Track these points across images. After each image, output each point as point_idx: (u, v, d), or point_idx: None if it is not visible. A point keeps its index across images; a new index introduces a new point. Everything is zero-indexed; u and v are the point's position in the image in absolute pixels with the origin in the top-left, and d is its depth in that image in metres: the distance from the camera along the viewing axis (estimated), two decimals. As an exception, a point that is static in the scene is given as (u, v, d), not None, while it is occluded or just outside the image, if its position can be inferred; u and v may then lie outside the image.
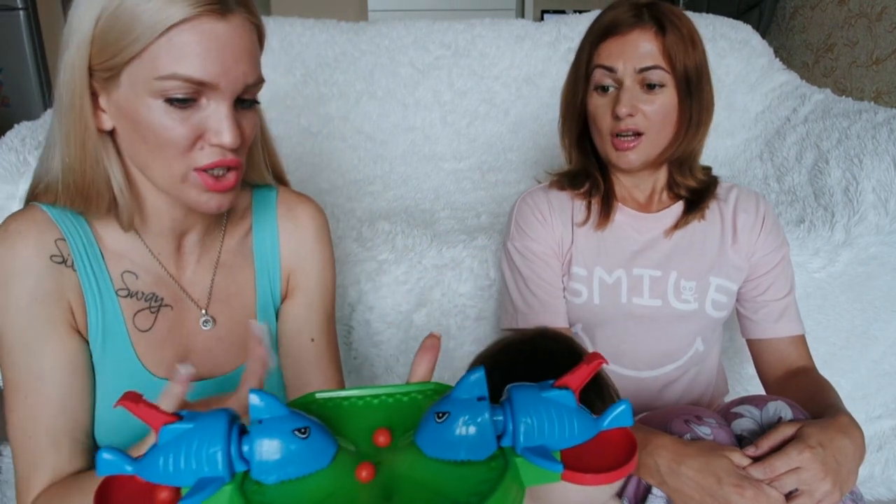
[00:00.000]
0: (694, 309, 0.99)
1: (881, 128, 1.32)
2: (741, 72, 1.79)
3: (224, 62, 0.64)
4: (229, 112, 0.65)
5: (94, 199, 0.70)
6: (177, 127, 0.64)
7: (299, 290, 0.86)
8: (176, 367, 0.54)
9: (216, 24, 0.63)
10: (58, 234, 0.72)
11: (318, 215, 0.88)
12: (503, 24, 1.83)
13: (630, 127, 0.93)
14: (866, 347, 1.34)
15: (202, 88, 0.64)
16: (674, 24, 0.92)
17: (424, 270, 1.17)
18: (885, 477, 1.42)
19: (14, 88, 3.03)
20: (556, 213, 1.02)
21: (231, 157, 0.67)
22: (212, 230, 0.82)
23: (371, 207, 1.56)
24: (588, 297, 1.00)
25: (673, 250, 1.01)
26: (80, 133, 0.68)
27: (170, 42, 0.62)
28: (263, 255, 0.85)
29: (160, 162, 0.67)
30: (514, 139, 1.81)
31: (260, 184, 0.86)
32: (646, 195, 1.03)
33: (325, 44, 1.76)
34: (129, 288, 0.75)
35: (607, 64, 0.93)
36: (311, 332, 0.86)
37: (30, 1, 2.94)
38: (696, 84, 0.93)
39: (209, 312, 0.81)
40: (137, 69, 0.63)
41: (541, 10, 3.26)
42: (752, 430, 0.82)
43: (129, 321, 0.75)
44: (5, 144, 1.09)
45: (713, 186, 1.03)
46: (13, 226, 0.70)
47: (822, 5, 2.31)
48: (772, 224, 1.02)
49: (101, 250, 0.74)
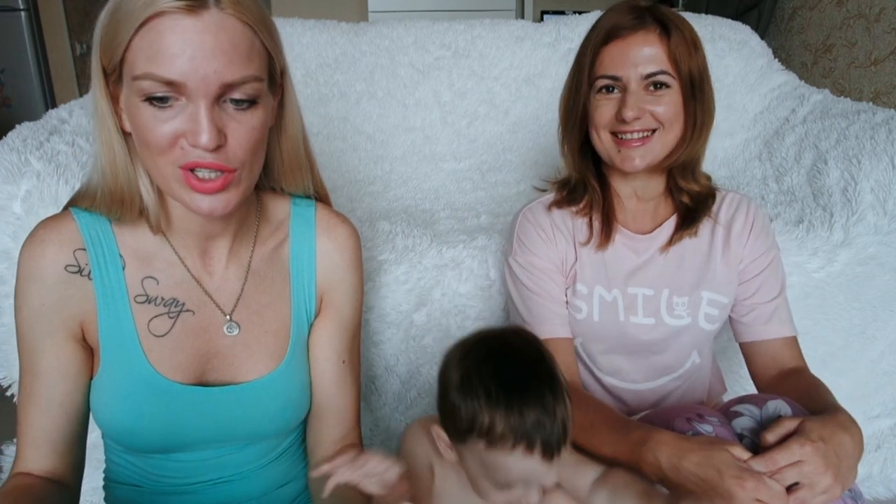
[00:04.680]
0: (687, 323, 0.99)
1: (879, 128, 1.32)
2: (740, 72, 1.79)
3: (192, 60, 0.62)
4: (205, 112, 0.64)
5: (128, 204, 0.73)
6: (157, 126, 0.65)
7: (333, 310, 0.86)
8: None
9: (185, 19, 0.62)
10: (78, 244, 0.75)
11: (355, 237, 0.88)
12: (503, 25, 1.83)
13: (637, 128, 0.91)
14: (865, 347, 1.34)
15: (175, 87, 0.63)
16: (677, 27, 0.90)
17: (424, 270, 1.18)
18: (884, 476, 1.42)
19: (15, 89, 3.03)
20: (558, 232, 1.01)
21: (210, 159, 0.66)
22: (243, 236, 0.82)
23: (371, 207, 1.57)
24: (588, 313, 1.00)
25: (664, 268, 1.00)
26: (107, 136, 0.70)
27: (142, 40, 0.63)
28: (300, 268, 0.84)
29: (151, 162, 0.68)
30: (514, 139, 1.81)
31: (298, 195, 0.86)
32: (645, 203, 1.02)
33: (326, 44, 1.77)
34: (148, 294, 0.77)
35: (611, 73, 0.91)
36: (342, 353, 0.87)
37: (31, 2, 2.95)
38: (699, 87, 0.92)
39: (234, 318, 0.80)
40: (126, 70, 0.65)
41: (540, 11, 3.27)
42: (752, 428, 0.82)
43: (141, 327, 0.76)
44: (6, 145, 1.10)
45: (710, 200, 1.01)
46: (40, 232, 0.74)
47: (820, 6, 2.32)
48: (760, 229, 1.00)
49: (122, 258, 0.76)
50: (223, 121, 0.66)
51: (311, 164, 0.85)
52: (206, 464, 0.81)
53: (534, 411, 0.70)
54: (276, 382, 0.81)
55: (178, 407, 0.76)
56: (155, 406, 0.75)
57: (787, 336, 0.98)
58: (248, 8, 0.66)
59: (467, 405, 0.72)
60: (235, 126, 0.67)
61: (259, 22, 0.67)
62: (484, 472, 0.74)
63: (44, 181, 1.05)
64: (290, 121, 0.79)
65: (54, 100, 3.11)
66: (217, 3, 0.63)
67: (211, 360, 0.79)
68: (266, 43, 0.69)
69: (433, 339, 1.20)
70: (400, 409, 1.26)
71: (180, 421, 0.76)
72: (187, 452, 0.80)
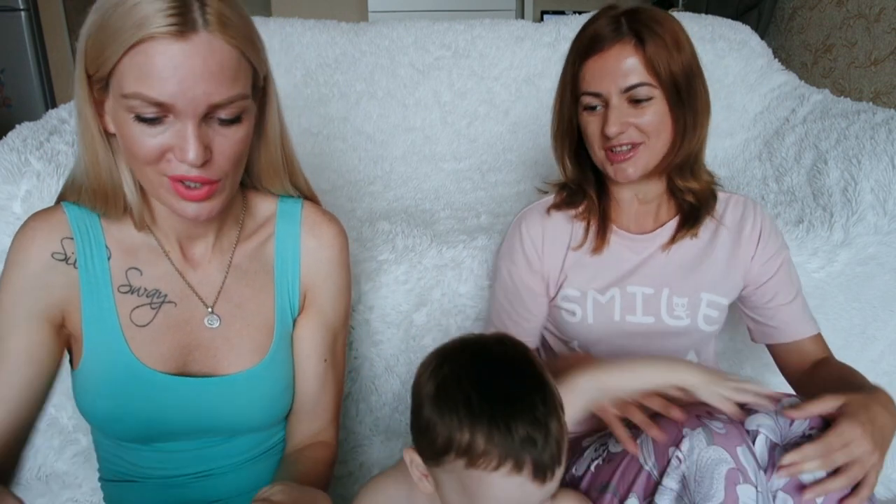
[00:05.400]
0: (686, 325, 0.99)
1: (879, 128, 1.32)
2: (740, 72, 1.79)
3: (181, 83, 0.64)
4: (193, 131, 0.66)
5: (112, 201, 0.75)
6: (145, 140, 0.67)
7: (316, 308, 0.87)
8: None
9: (174, 44, 0.63)
10: (66, 234, 0.77)
11: (342, 237, 0.89)
12: (503, 25, 1.83)
13: (623, 142, 0.91)
14: (865, 347, 1.34)
15: (164, 107, 0.65)
16: (653, 32, 0.88)
17: (425, 270, 1.18)
18: (884, 476, 1.42)
19: (15, 89, 3.04)
20: (549, 244, 1.02)
21: (196, 174, 0.68)
22: (226, 232, 0.84)
23: (371, 207, 1.57)
24: (582, 316, 1.01)
25: (665, 267, 1.00)
26: (89, 137, 0.72)
27: (132, 61, 0.64)
28: (284, 265, 0.86)
29: (138, 170, 0.71)
30: (514, 139, 1.81)
31: (285, 194, 0.88)
32: (645, 205, 1.02)
33: (326, 44, 1.77)
34: (132, 284, 0.79)
35: (592, 90, 0.91)
36: (324, 352, 0.88)
37: (31, 2, 2.95)
38: (686, 88, 0.90)
39: (216, 311, 0.82)
40: (114, 85, 0.66)
41: (540, 11, 3.27)
42: (769, 425, 0.82)
43: (124, 316, 0.78)
44: (7, 145, 1.10)
45: (713, 201, 1.01)
46: (31, 223, 0.77)
47: (820, 6, 2.32)
48: (768, 233, 1.01)
49: (108, 249, 0.78)
50: (209, 136, 0.68)
51: (290, 166, 0.86)
52: (189, 455, 0.83)
53: (522, 424, 0.61)
54: (259, 377, 0.82)
55: (158, 396, 0.78)
56: (136, 394, 0.77)
57: (814, 334, 1.01)
58: (235, 27, 0.67)
59: (444, 419, 0.63)
60: (221, 140, 0.69)
61: (245, 40, 0.68)
62: (464, 500, 0.65)
63: (44, 181, 1.05)
64: (270, 124, 0.80)
65: (54, 100, 3.12)
66: (206, 25, 0.64)
67: (192, 352, 0.81)
68: (251, 59, 0.70)
69: (433, 339, 1.20)
70: (400, 409, 1.26)
71: (161, 410, 0.78)
72: (170, 442, 0.82)
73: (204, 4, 0.65)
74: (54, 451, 1.20)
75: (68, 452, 1.21)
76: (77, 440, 1.19)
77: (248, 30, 0.70)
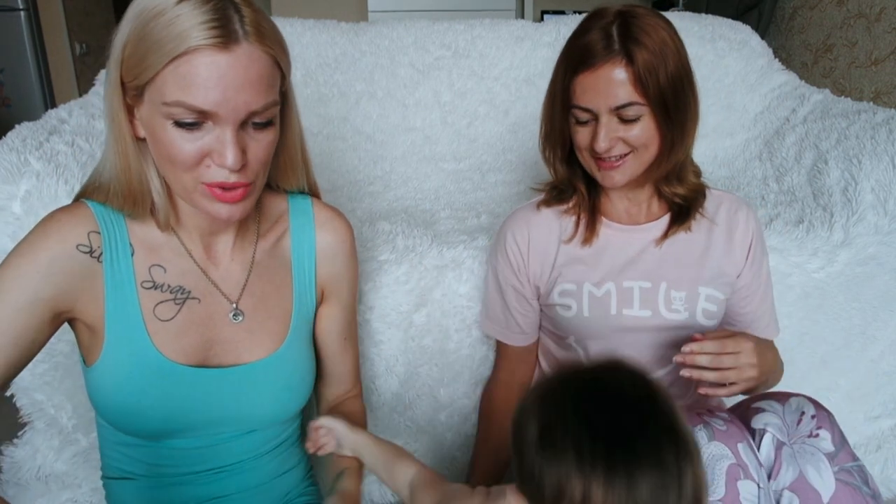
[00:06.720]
0: (684, 318, 1.00)
1: (880, 128, 1.32)
2: (740, 72, 1.79)
3: (225, 92, 0.67)
4: (232, 137, 0.69)
5: (140, 203, 0.78)
6: (185, 146, 0.70)
7: (335, 297, 0.94)
8: None
9: (218, 55, 0.66)
10: (93, 228, 0.78)
11: (350, 229, 0.95)
12: (503, 25, 1.83)
13: (613, 154, 0.93)
14: (865, 347, 1.34)
15: (206, 115, 0.68)
16: (641, 44, 0.87)
17: (425, 271, 1.18)
18: (885, 476, 1.42)
19: (15, 89, 3.04)
20: (535, 245, 1.04)
21: (234, 179, 0.71)
22: (246, 231, 0.87)
23: (371, 208, 1.57)
24: (577, 310, 1.02)
25: (662, 261, 1.01)
26: (121, 142, 0.74)
27: (175, 71, 0.66)
28: (300, 259, 0.90)
29: (172, 174, 0.73)
30: (514, 140, 1.81)
31: (294, 191, 0.92)
32: (635, 204, 1.03)
33: (326, 44, 1.77)
34: (155, 280, 0.81)
35: (583, 105, 0.91)
36: (343, 331, 0.97)
37: (31, 2, 2.95)
38: (674, 103, 0.90)
39: (240, 307, 0.85)
40: (152, 92, 0.69)
41: (540, 11, 3.27)
42: (776, 424, 0.86)
43: (147, 311, 0.79)
44: (6, 145, 1.09)
45: (701, 198, 1.02)
46: (56, 214, 0.78)
47: (821, 6, 2.32)
48: (758, 240, 1.04)
49: (132, 247, 0.80)
50: (245, 141, 0.71)
51: (307, 163, 0.90)
52: (203, 452, 0.84)
53: (649, 475, 0.51)
54: (276, 364, 0.85)
55: (179, 388, 0.79)
56: (157, 387, 0.78)
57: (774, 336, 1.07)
58: (270, 36, 0.70)
59: (551, 468, 0.54)
60: (255, 145, 0.72)
61: (279, 47, 0.72)
62: None
63: (43, 181, 1.05)
64: (291, 124, 0.83)
65: (54, 100, 3.12)
66: (246, 37, 0.68)
67: (214, 347, 0.83)
68: (282, 65, 0.73)
69: (433, 339, 1.20)
70: (399, 409, 1.26)
71: (181, 402, 0.80)
72: (186, 438, 0.83)
73: (242, 16, 0.68)
74: (54, 451, 1.20)
75: (68, 453, 1.21)
76: (77, 440, 1.19)
77: (279, 36, 0.73)
